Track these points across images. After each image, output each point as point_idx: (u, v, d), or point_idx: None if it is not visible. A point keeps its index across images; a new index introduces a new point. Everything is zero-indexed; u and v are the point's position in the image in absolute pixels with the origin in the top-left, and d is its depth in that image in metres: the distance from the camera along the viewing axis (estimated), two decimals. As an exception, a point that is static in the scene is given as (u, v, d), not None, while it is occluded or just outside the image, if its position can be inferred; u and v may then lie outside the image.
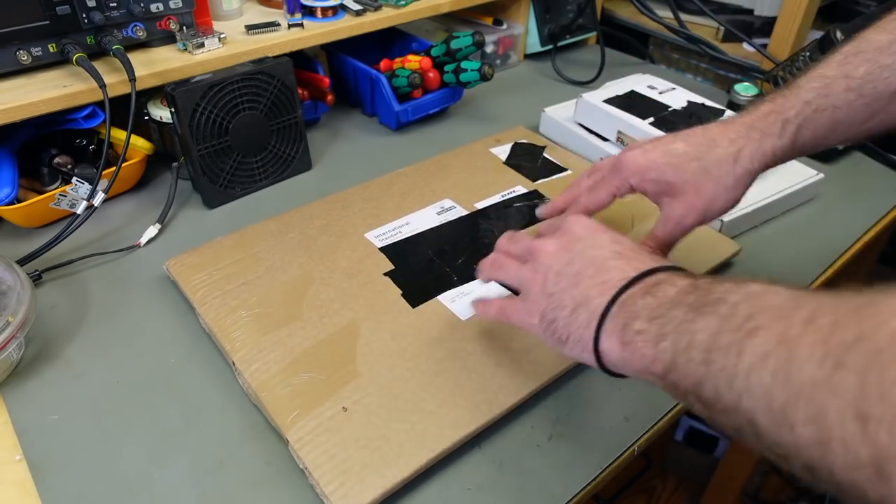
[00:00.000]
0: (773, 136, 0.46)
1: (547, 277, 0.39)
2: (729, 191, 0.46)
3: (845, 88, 0.44)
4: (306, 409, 0.45)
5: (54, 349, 0.52)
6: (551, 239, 0.41)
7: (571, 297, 0.37)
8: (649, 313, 0.32)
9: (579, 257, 0.38)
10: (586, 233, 0.40)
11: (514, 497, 0.42)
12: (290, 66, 0.68)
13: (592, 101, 0.75)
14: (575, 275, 0.38)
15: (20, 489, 0.42)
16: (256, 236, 0.61)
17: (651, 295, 0.33)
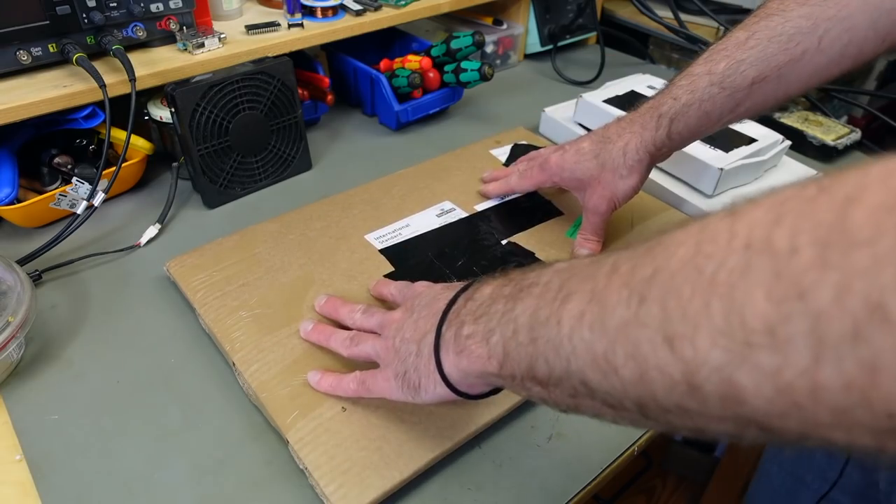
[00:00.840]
0: (650, 129, 0.52)
1: (395, 340, 0.40)
2: (625, 179, 0.54)
3: (709, 83, 0.50)
4: (306, 409, 0.45)
5: (54, 349, 0.52)
6: (399, 309, 0.43)
7: (412, 338, 0.39)
8: (473, 316, 0.34)
9: (417, 309, 0.40)
10: (425, 288, 0.43)
11: (514, 497, 0.42)
12: (290, 66, 0.68)
13: (593, 102, 0.75)
14: (414, 322, 0.39)
15: (20, 489, 0.42)
16: (257, 237, 0.61)
17: (471, 300, 0.35)
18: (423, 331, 0.38)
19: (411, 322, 0.40)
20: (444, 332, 0.36)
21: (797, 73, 0.47)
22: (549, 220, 0.64)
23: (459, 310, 0.35)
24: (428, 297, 0.40)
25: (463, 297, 0.36)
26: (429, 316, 0.38)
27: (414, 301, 0.41)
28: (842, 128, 0.79)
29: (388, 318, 0.43)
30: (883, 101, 1.13)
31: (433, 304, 0.38)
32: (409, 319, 0.40)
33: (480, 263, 0.58)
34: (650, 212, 0.66)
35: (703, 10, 0.98)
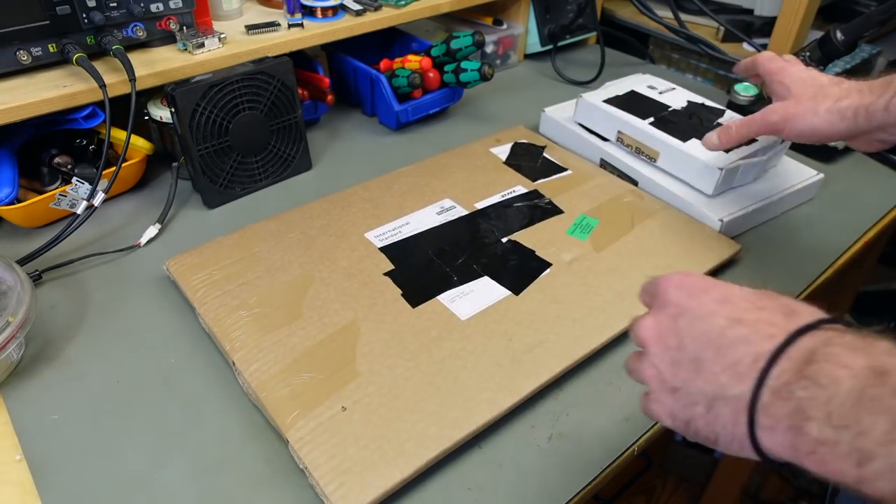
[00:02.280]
0: (873, 95, 0.50)
1: (661, 371, 0.32)
2: (816, 115, 0.52)
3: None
4: (306, 408, 0.45)
5: (54, 349, 0.52)
6: (650, 318, 0.34)
7: (699, 390, 0.30)
8: (825, 413, 0.25)
9: (688, 337, 0.31)
10: (684, 300, 0.32)
11: (514, 497, 0.42)
12: (290, 66, 0.68)
13: (592, 101, 0.75)
14: (692, 361, 0.31)
15: (20, 489, 0.42)
16: (256, 236, 0.61)
17: (811, 381, 0.26)
18: (716, 386, 0.29)
19: (684, 357, 0.31)
20: (763, 406, 0.27)
21: None
22: (550, 219, 0.64)
23: (791, 386, 0.26)
24: (697, 319, 0.31)
25: (789, 365, 0.27)
26: (721, 370, 0.29)
27: (674, 316, 0.32)
28: (842, 127, 0.79)
29: (639, 331, 0.34)
30: (883, 101, 1.13)
31: (724, 351, 0.29)
32: (674, 345, 0.32)
33: (480, 261, 0.58)
34: (650, 212, 0.66)
35: (703, 10, 0.98)
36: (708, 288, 0.32)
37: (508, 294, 0.55)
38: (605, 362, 0.52)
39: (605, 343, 0.51)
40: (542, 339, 0.51)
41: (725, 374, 0.29)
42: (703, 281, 0.33)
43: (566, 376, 0.50)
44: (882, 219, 0.69)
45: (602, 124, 0.75)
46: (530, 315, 0.53)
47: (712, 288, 0.32)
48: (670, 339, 0.32)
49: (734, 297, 0.31)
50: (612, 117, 0.73)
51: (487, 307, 0.53)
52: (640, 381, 0.35)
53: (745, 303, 0.31)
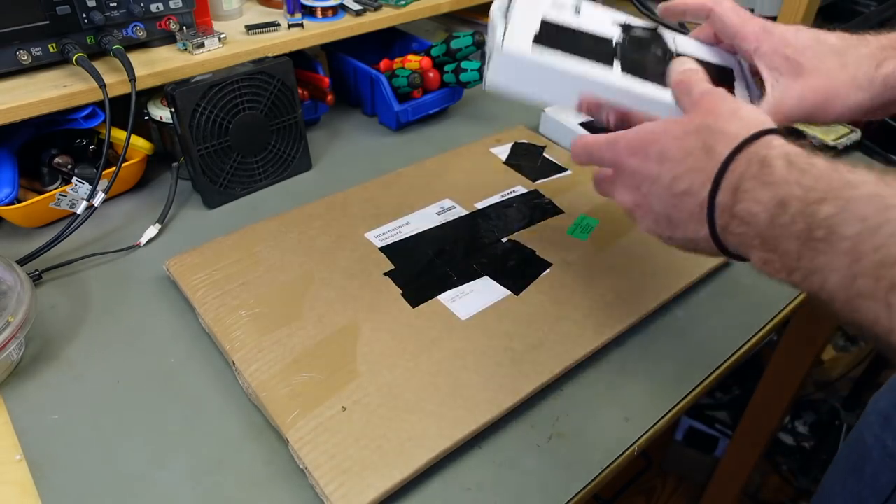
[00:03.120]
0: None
1: (651, 228, 0.39)
2: (859, 90, 0.42)
3: None
4: (306, 408, 0.45)
5: (54, 349, 0.52)
6: (621, 189, 0.40)
7: (683, 237, 0.37)
8: (759, 242, 0.31)
9: (654, 202, 0.37)
10: (637, 167, 0.38)
11: (514, 497, 0.42)
12: (290, 66, 0.68)
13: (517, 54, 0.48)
14: (667, 219, 0.37)
15: (20, 489, 0.42)
16: (256, 236, 0.61)
17: (739, 220, 0.32)
18: (692, 233, 0.36)
19: (661, 219, 0.37)
20: (721, 237, 0.34)
21: None
22: (550, 219, 0.64)
23: (729, 224, 0.33)
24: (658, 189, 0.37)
25: (725, 206, 0.33)
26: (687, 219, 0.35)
27: (640, 188, 0.38)
28: (842, 127, 0.79)
29: (619, 202, 0.41)
30: (883, 101, 1.13)
31: (680, 206, 0.35)
32: (654, 214, 0.38)
33: (480, 261, 0.58)
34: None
35: (703, 9, 0.97)
36: (647, 150, 0.37)
37: (508, 294, 0.55)
38: (605, 362, 0.52)
39: (605, 343, 0.51)
40: (542, 339, 0.51)
41: (692, 223, 0.35)
42: (642, 143, 0.38)
43: (566, 376, 0.50)
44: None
45: (550, 89, 0.46)
46: (530, 315, 0.53)
47: (650, 148, 0.37)
48: (644, 205, 0.38)
49: (667, 151, 0.36)
50: (557, 75, 0.45)
51: (487, 307, 0.53)
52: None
53: (677, 151, 0.36)
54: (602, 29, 0.49)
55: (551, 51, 0.44)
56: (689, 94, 0.40)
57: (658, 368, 0.51)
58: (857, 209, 0.27)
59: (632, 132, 0.39)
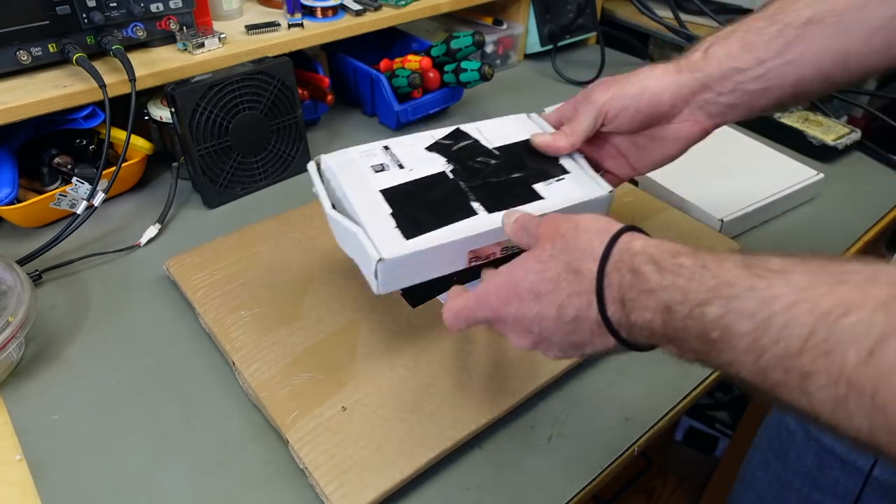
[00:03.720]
0: (684, 58, 0.48)
1: (558, 356, 0.38)
2: (649, 77, 0.48)
3: (757, 18, 0.46)
4: (306, 408, 0.45)
5: (54, 349, 0.52)
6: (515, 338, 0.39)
7: (594, 351, 0.36)
8: (666, 340, 0.31)
9: (553, 335, 0.36)
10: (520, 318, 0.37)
11: (514, 497, 0.42)
12: (290, 66, 0.68)
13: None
14: (571, 344, 0.36)
15: (20, 489, 0.42)
16: (256, 236, 0.61)
17: (637, 327, 0.32)
18: (602, 346, 0.35)
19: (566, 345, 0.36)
20: (631, 340, 0.34)
21: (860, 23, 0.42)
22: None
23: (631, 331, 0.33)
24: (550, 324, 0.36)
25: (620, 316, 0.33)
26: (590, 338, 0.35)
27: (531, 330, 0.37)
28: (842, 128, 0.79)
29: (520, 346, 0.39)
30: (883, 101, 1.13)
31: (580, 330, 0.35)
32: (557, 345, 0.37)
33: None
34: (650, 211, 0.66)
35: (703, 10, 0.98)
36: (518, 293, 0.36)
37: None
38: (605, 362, 0.52)
39: (605, 343, 0.51)
40: (542, 339, 0.51)
41: (598, 338, 0.35)
42: (507, 287, 0.37)
43: (566, 376, 0.50)
44: (882, 219, 0.69)
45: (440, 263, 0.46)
46: (530, 315, 0.53)
47: (518, 290, 0.36)
48: (544, 342, 0.37)
49: (538, 286, 0.36)
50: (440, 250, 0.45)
51: (487, 307, 0.53)
52: None
53: (546, 283, 0.35)
54: (430, 167, 0.50)
55: (421, 234, 0.44)
56: (527, 232, 0.40)
57: (658, 368, 0.51)
58: (742, 307, 0.27)
59: (492, 282, 0.38)
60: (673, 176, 0.69)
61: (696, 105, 0.47)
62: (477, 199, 0.47)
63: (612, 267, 0.33)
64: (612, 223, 0.35)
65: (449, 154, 0.52)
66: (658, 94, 0.47)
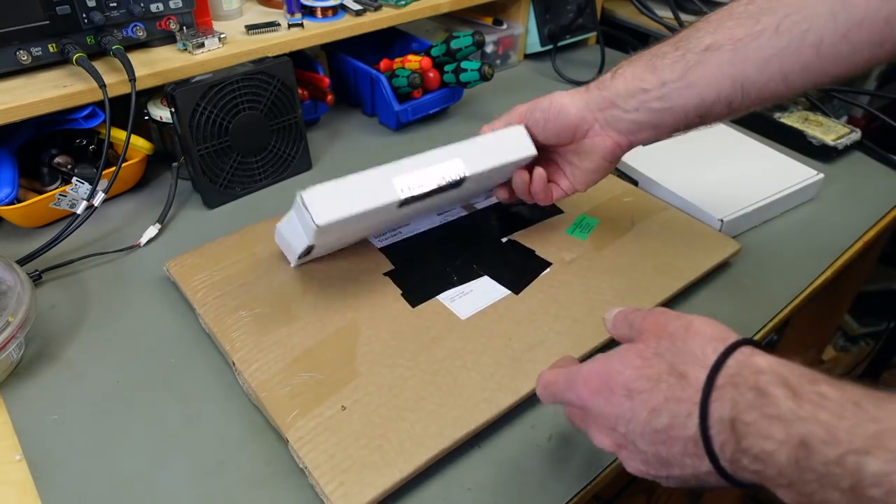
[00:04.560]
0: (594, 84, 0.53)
1: (641, 469, 0.34)
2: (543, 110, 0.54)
3: (664, 44, 0.50)
4: (306, 408, 0.45)
5: (54, 349, 0.52)
6: (597, 436, 0.36)
7: (680, 475, 0.32)
8: (786, 481, 0.27)
9: (638, 441, 0.33)
10: (604, 409, 0.34)
11: (514, 497, 0.42)
12: (290, 66, 0.68)
13: None
14: (656, 457, 0.32)
15: (20, 489, 0.42)
16: (256, 237, 0.61)
17: (752, 457, 0.28)
18: (691, 469, 0.31)
19: (651, 459, 0.33)
20: (730, 471, 0.29)
21: (755, 52, 0.45)
22: (550, 219, 0.64)
23: (739, 459, 0.28)
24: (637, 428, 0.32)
25: (725, 437, 0.29)
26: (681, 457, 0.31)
27: (616, 429, 0.33)
28: (842, 128, 0.79)
29: (601, 446, 0.35)
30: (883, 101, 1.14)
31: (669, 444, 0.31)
32: (642, 454, 0.33)
33: (480, 261, 0.58)
34: (650, 211, 0.66)
35: (703, 10, 0.98)
36: (611, 387, 0.33)
37: (508, 294, 0.55)
38: (605, 362, 0.51)
39: (606, 343, 0.51)
40: (542, 338, 0.51)
41: (688, 459, 0.31)
42: (602, 378, 0.34)
43: (566, 376, 0.50)
44: (882, 219, 0.69)
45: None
46: (530, 315, 0.53)
47: (612, 384, 0.33)
48: (628, 445, 0.33)
49: (632, 383, 0.32)
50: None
51: (487, 307, 0.53)
52: None
53: (644, 382, 0.32)
54: None
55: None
56: (631, 326, 0.37)
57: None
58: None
59: (586, 367, 0.35)
60: (673, 176, 0.69)
61: (605, 120, 0.51)
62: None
63: (725, 380, 0.29)
64: (730, 332, 0.32)
65: None
66: (565, 107, 0.52)
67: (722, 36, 0.46)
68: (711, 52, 0.46)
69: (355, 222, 0.49)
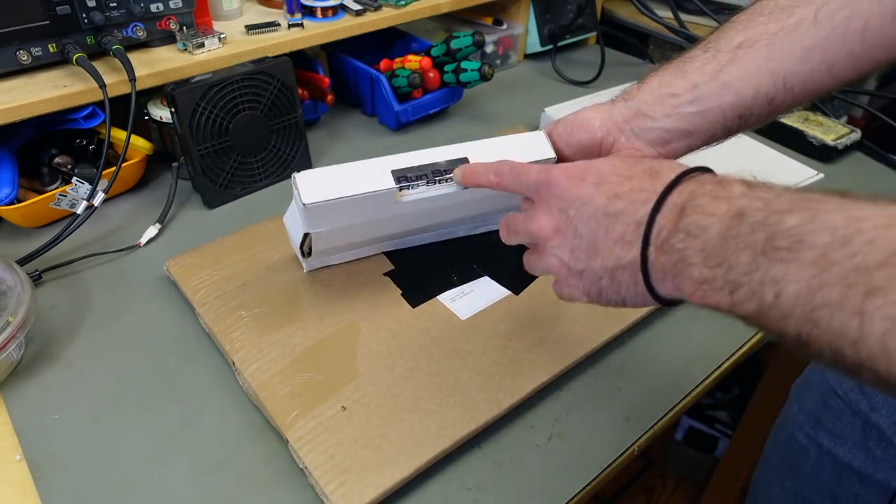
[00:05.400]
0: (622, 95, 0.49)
1: (565, 260, 0.37)
2: (568, 123, 0.49)
3: (693, 47, 0.47)
4: (306, 408, 0.45)
5: (54, 349, 0.52)
6: (542, 215, 0.38)
7: (601, 266, 0.35)
8: (702, 255, 0.29)
9: (580, 224, 0.35)
10: (568, 192, 0.36)
11: (514, 497, 0.42)
12: (290, 66, 0.68)
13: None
14: (589, 244, 0.35)
15: (20, 489, 0.42)
16: (256, 236, 0.61)
17: (685, 233, 0.30)
18: (613, 258, 0.34)
19: (581, 243, 0.35)
20: (652, 263, 0.32)
21: (793, 43, 0.42)
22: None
23: (671, 240, 0.31)
24: (583, 205, 0.35)
25: (666, 222, 0.31)
26: (613, 243, 0.33)
27: (562, 209, 0.36)
28: (842, 128, 0.79)
29: (534, 232, 0.38)
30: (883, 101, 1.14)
31: (611, 226, 0.34)
32: (571, 235, 0.35)
33: (480, 261, 0.58)
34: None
35: (703, 10, 0.98)
36: (584, 175, 0.36)
37: (508, 294, 0.55)
38: (606, 362, 0.52)
39: (606, 343, 0.51)
40: (542, 338, 0.51)
41: (618, 246, 0.33)
42: (578, 169, 0.37)
43: (566, 376, 0.50)
44: (882, 219, 0.69)
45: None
46: (530, 315, 0.53)
47: (587, 173, 0.36)
48: (567, 230, 0.36)
49: (606, 175, 0.35)
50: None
51: (487, 307, 0.53)
52: (545, 273, 0.39)
53: (617, 177, 0.35)
54: None
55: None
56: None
57: (658, 368, 0.51)
58: (827, 220, 0.26)
59: (569, 164, 0.38)
60: None
61: (632, 132, 0.47)
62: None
63: (692, 178, 0.32)
64: None
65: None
66: (589, 120, 0.48)
67: (754, 32, 0.43)
68: (745, 48, 0.43)
69: (351, 214, 0.48)
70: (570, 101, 0.81)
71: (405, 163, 0.48)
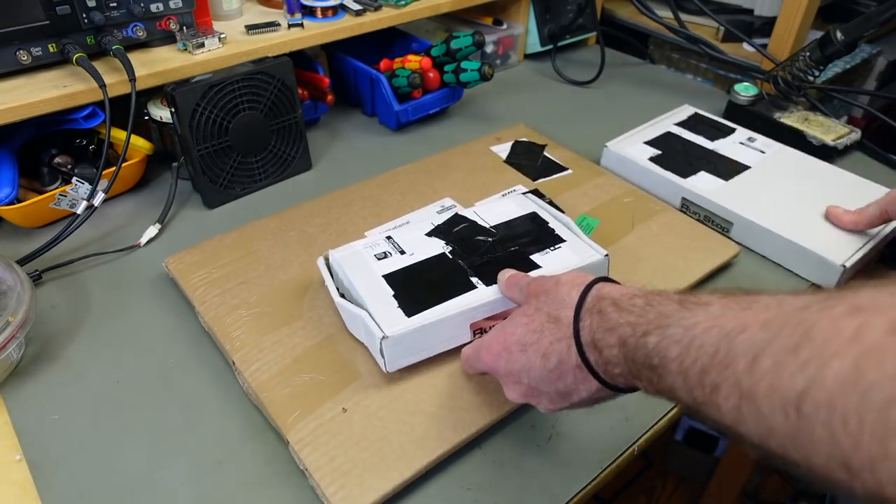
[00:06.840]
0: None
1: (544, 405, 0.40)
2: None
3: None
4: (307, 409, 0.45)
5: (54, 349, 0.52)
6: (509, 392, 0.42)
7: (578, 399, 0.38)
8: (631, 375, 0.33)
9: (542, 385, 0.39)
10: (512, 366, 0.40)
11: (514, 497, 0.42)
12: (290, 66, 0.68)
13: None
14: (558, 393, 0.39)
15: (20, 489, 0.42)
16: (256, 234, 0.61)
17: (608, 361, 0.34)
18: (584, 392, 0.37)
19: (555, 397, 0.39)
20: (606, 377, 0.35)
21: None
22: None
23: (608, 361, 0.35)
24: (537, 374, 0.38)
25: (594, 354, 0.35)
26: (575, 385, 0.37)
27: (522, 381, 0.40)
28: (842, 128, 0.79)
29: (514, 399, 0.42)
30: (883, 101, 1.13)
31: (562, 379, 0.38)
32: (548, 395, 0.39)
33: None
34: (650, 212, 0.66)
35: (703, 10, 0.98)
36: (507, 347, 0.40)
37: (508, 294, 0.55)
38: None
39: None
40: (543, 339, 0.50)
41: (582, 384, 0.37)
42: (499, 341, 0.41)
43: (566, 376, 0.49)
44: (882, 219, 0.69)
45: (443, 337, 0.49)
46: (530, 315, 0.53)
47: (508, 341, 0.40)
48: (534, 392, 0.40)
49: (524, 338, 0.39)
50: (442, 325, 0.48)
51: (487, 307, 0.53)
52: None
53: (530, 335, 0.39)
54: (430, 250, 0.53)
55: (422, 311, 0.47)
56: (519, 289, 0.44)
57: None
58: (672, 334, 0.30)
59: (487, 337, 0.43)
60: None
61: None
62: (476, 274, 0.51)
63: (585, 312, 0.36)
64: (589, 276, 0.39)
65: (448, 236, 0.55)
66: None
67: None
68: None
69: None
70: (632, 132, 0.76)
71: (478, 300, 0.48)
